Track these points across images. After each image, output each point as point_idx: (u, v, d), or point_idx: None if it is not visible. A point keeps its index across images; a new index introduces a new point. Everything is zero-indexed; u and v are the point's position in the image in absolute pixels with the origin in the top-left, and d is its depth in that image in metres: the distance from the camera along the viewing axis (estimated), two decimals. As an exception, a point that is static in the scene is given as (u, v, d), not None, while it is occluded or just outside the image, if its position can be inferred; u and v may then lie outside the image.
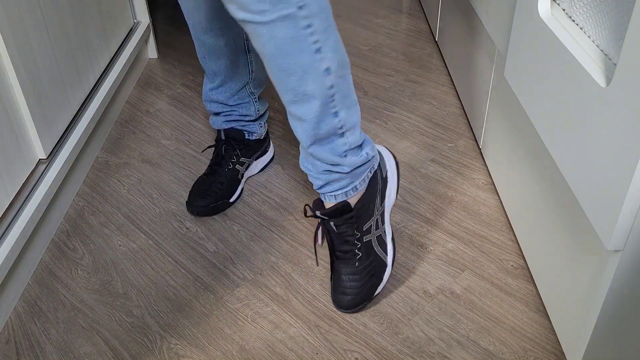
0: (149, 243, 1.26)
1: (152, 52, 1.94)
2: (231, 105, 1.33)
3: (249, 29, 0.83)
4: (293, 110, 0.93)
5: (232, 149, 1.35)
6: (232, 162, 1.35)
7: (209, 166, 1.36)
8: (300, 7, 0.81)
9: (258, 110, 1.35)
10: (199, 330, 1.08)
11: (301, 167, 1.04)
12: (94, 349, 1.05)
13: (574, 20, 0.91)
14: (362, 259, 1.06)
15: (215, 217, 1.32)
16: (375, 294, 1.09)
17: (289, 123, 1.60)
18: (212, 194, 1.31)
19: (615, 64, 0.78)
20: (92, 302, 1.13)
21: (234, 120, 1.35)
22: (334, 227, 1.04)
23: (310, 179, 1.04)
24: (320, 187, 1.03)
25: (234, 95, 1.31)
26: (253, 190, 1.39)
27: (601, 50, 0.83)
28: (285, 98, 0.92)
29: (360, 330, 1.06)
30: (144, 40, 1.84)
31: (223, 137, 1.35)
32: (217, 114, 1.35)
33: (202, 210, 1.30)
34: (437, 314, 1.08)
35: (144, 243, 1.26)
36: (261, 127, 1.39)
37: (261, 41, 0.84)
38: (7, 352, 1.04)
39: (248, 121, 1.36)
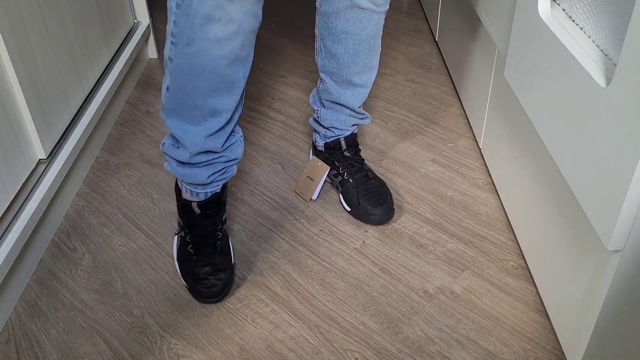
0: (149, 243, 1.26)
1: (152, 52, 1.94)
2: (222, 151, 1.09)
3: (362, 15, 1.13)
4: (356, 79, 1.22)
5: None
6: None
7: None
8: (388, 8, 1.16)
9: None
10: (199, 330, 1.08)
11: (330, 123, 1.30)
12: (94, 348, 1.05)
13: (574, 21, 0.91)
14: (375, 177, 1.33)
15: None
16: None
17: (289, 123, 1.61)
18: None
19: (615, 64, 0.78)
20: (92, 302, 1.13)
21: (217, 172, 1.11)
22: (356, 153, 1.34)
23: (336, 132, 1.32)
24: (342, 134, 1.33)
25: (228, 137, 1.08)
26: (253, 190, 1.39)
27: (601, 50, 0.83)
28: (352, 70, 1.21)
29: (360, 330, 1.06)
30: (144, 40, 1.84)
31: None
32: (201, 169, 1.10)
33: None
34: (437, 314, 1.08)
35: (144, 243, 1.26)
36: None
37: (366, 25, 1.15)
38: (7, 352, 1.04)
39: (232, 164, 1.14)
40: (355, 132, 1.34)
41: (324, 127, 1.32)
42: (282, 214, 1.32)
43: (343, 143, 1.32)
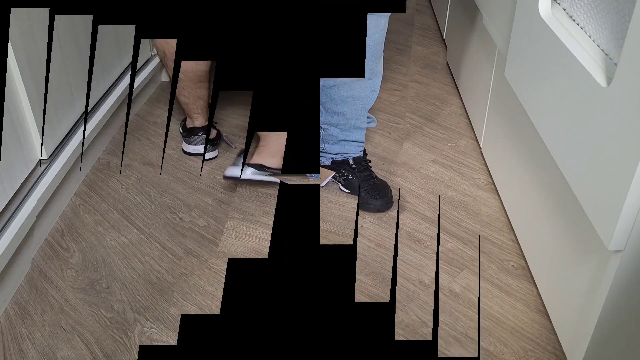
0: (140, 237, 1.25)
1: (165, 76, 1.94)
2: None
3: (383, 22, 1.21)
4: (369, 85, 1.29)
5: None
6: None
7: None
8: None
9: None
10: (176, 289, 1.06)
11: (338, 150, 1.35)
12: (73, 353, 1.01)
13: (574, 20, 0.90)
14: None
15: (211, 202, 1.32)
16: None
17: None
18: None
19: (616, 64, 0.78)
20: (77, 302, 1.10)
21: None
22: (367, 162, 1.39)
23: (345, 155, 1.36)
24: (352, 155, 1.36)
25: None
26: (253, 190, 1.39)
27: (602, 50, 0.82)
28: (361, 117, 1.30)
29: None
30: (159, 68, 1.84)
31: None
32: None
33: None
34: (432, 302, 1.09)
35: (135, 237, 1.25)
36: None
37: (373, 31, 1.20)
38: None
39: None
40: (362, 152, 1.37)
41: (331, 154, 1.37)
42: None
43: (351, 161, 1.36)
